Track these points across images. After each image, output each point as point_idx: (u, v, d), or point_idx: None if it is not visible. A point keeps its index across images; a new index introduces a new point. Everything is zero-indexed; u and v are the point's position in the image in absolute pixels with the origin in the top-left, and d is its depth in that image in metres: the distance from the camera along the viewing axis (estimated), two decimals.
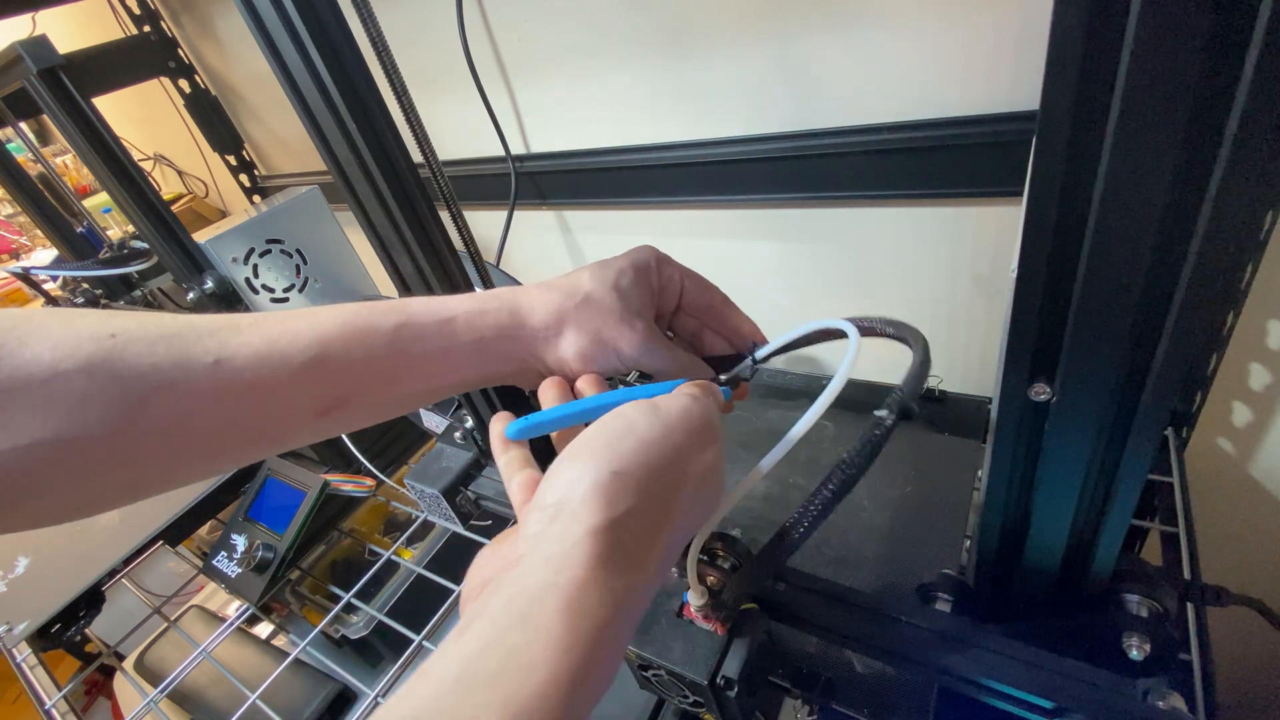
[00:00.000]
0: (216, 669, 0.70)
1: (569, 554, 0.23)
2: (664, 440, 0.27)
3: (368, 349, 0.29)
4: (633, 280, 0.34)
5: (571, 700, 0.21)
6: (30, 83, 0.71)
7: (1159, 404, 0.26)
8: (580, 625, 0.22)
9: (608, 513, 0.24)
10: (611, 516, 0.24)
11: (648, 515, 0.25)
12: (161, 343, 0.26)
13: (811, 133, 0.63)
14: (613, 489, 0.25)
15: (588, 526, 0.24)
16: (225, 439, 0.28)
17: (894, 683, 0.42)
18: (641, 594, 0.25)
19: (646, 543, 0.25)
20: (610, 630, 0.23)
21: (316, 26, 0.38)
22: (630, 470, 0.25)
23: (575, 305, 0.33)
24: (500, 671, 0.20)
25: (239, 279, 0.86)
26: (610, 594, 0.23)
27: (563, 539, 0.24)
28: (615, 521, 0.24)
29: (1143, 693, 0.31)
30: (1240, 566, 0.66)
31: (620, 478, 0.25)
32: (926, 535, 0.52)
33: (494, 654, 0.21)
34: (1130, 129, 0.20)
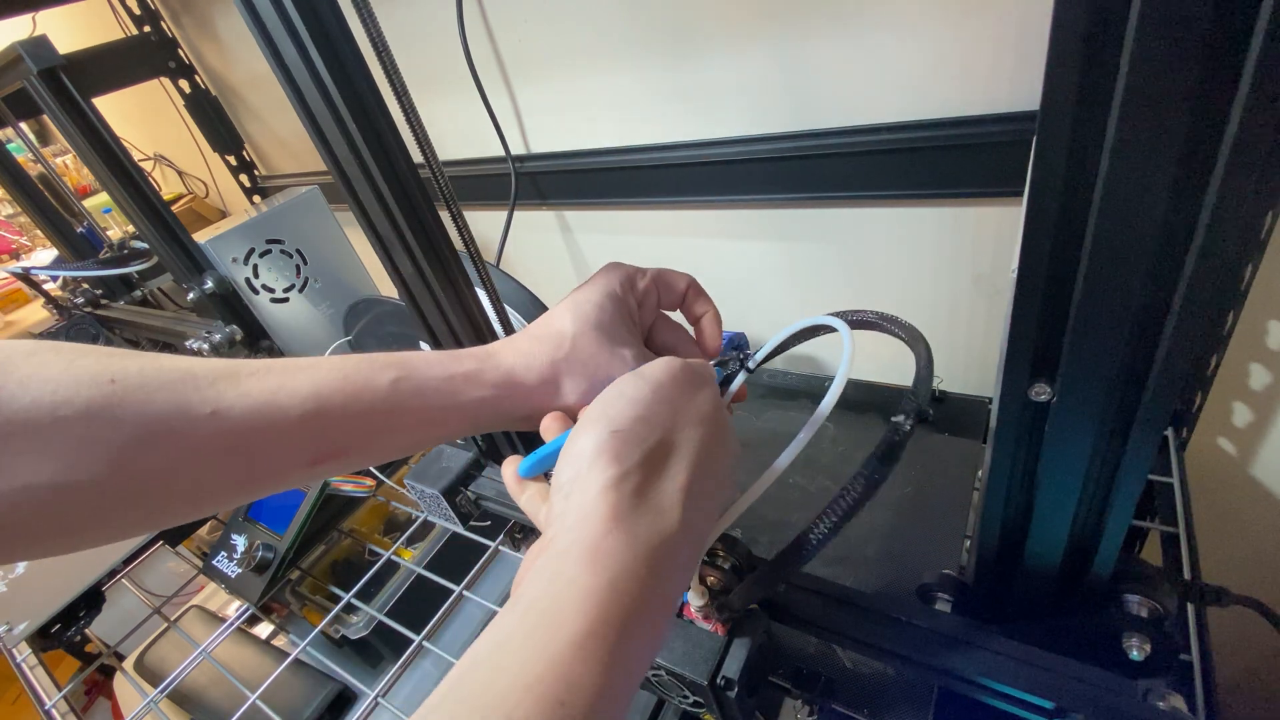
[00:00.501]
0: (216, 669, 0.70)
1: (587, 515, 0.25)
2: (653, 394, 0.29)
3: (364, 405, 0.30)
4: (612, 314, 0.34)
5: (610, 650, 0.21)
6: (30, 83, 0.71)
7: (1159, 404, 0.26)
8: (604, 573, 0.23)
9: (615, 468, 0.26)
10: (620, 470, 0.26)
11: (656, 463, 0.27)
12: (161, 391, 0.26)
13: (812, 133, 0.63)
14: (614, 446, 0.26)
15: (599, 485, 0.25)
16: (218, 485, 0.28)
17: (894, 683, 0.42)
18: (673, 544, 0.25)
19: (663, 489, 0.26)
20: (639, 579, 0.23)
21: (316, 26, 0.37)
22: (627, 426, 0.27)
23: (565, 356, 0.33)
24: (535, 627, 0.22)
25: (239, 279, 0.86)
26: (633, 541, 0.24)
27: (580, 504, 0.25)
28: (624, 474, 0.26)
29: (1143, 693, 0.31)
30: (1240, 567, 0.66)
31: (619, 435, 0.27)
32: (926, 535, 0.52)
33: (529, 614, 0.22)
34: (1130, 129, 0.20)
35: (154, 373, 0.26)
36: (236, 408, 0.27)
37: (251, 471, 0.28)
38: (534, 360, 0.33)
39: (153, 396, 0.26)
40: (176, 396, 0.26)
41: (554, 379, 0.33)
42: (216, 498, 0.29)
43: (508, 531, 0.71)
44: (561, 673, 0.20)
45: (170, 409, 0.26)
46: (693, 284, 0.39)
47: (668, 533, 0.25)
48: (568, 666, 0.21)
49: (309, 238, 0.92)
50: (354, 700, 0.68)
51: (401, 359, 0.32)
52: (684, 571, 0.27)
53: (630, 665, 0.23)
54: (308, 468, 0.30)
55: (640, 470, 0.26)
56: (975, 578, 0.39)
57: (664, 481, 0.27)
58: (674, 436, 0.28)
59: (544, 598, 0.23)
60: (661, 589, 0.25)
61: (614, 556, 0.24)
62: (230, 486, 0.28)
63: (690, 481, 0.27)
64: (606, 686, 0.21)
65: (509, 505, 0.57)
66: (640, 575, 0.24)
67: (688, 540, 0.27)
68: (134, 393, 0.25)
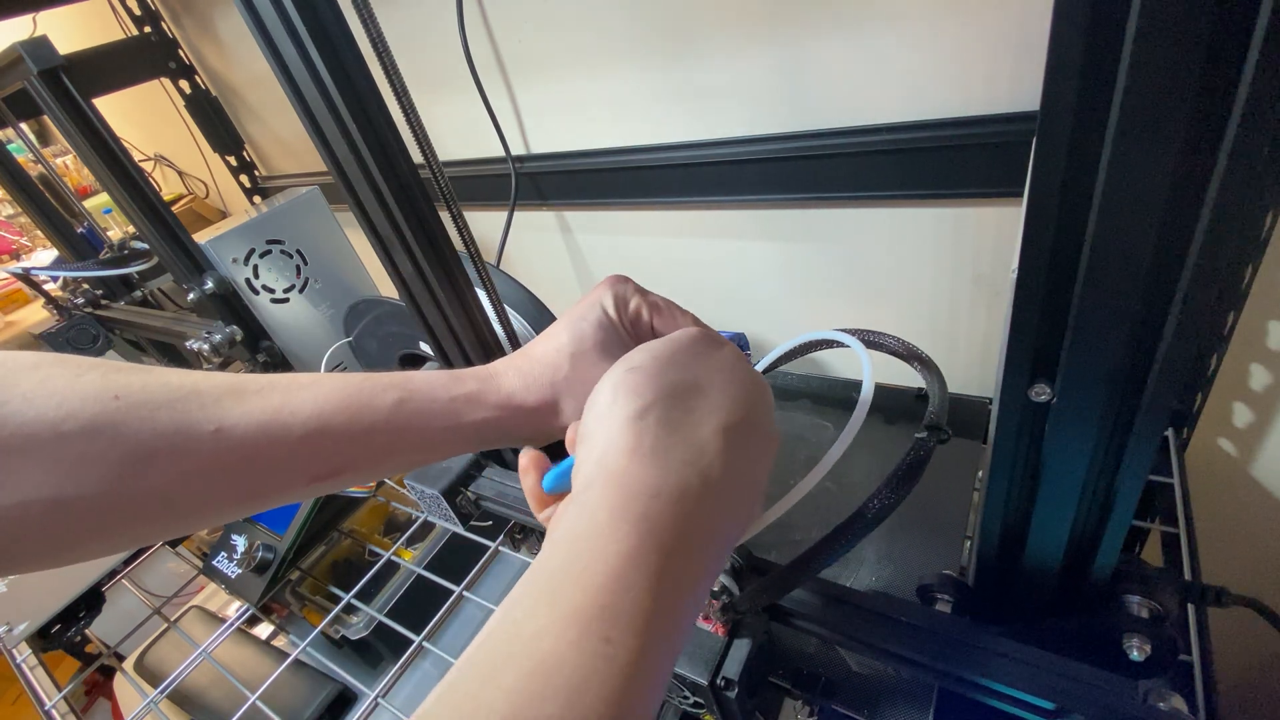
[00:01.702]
0: (216, 670, 0.70)
1: (610, 450, 0.24)
2: (670, 343, 0.28)
3: (366, 425, 0.30)
4: (610, 333, 0.33)
5: (655, 577, 0.20)
6: (31, 83, 0.71)
7: (1159, 405, 0.26)
8: (635, 500, 0.22)
9: (637, 400, 0.24)
10: (642, 403, 0.24)
11: (682, 398, 0.25)
12: (165, 409, 0.26)
13: (812, 133, 0.63)
14: (633, 380, 0.25)
15: (620, 420, 0.24)
16: (220, 502, 0.28)
17: (894, 683, 0.42)
18: (704, 482, 0.23)
19: (696, 423, 0.25)
20: (669, 513, 0.22)
21: (316, 27, 0.38)
22: (644, 364, 0.26)
23: (564, 377, 0.33)
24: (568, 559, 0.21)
25: (239, 279, 0.86)
26: (665, 470, 0.23)
27: (604, 442, 0.24)
28: (647, 406, 0.24)
29: (1143, 693, 0.31)
30: (1241, 567, 0.66)
31: (636, 371, 0.26)
32: (927, 536, 0.52)
33: (557, 552, 0.21)
34: (1130, 129, 0.20)
35: (158, 389, 0.26)
36: (240, 426, 0.27)
37: (252, 489, 0.28)
38: (534, 382, 0.33)
39: (156, 414, 0.26)
40: (180, 414, 0.26)
41: (554, 400, 0.33)
42: (217, 513, 0.29)
43: (508, 532, 0.71)
44: (603, 603, 0.19)
45: (173, 427, 0.26)
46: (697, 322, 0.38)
47: (707, 469, 0.23)
48: (611, 596, 0.19)
49: (309, 238, 0.92)
50: (354, 701, 0.68)
51: (404, 380, 0.32)
52: (732, 524, 0.24)
53: (677, 602, 0.21)
54: (307, 485, 0.30)
55: (664, 403, 0.25)
56: (975, 578, 0.39)
57: (696, 416, 0.25)
58: (700, 379, 0.26)
59: (572, 533, 0.21)
60: (698, 523, 0.22)
61: (643, 482, 0.22)
62: (231, 503, 0.29)
63: (729, 423, 0.25)
64: (654, 618, 0.19)
65: (509, 505, 0.57)
66: (671, 509, 0.22)
67: (734, 488, 0.24)
68: (137, 409, 0.25)
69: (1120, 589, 0.35)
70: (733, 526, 0.25)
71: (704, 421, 0.25)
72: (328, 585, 0.78)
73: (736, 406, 0.26)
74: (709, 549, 0.23)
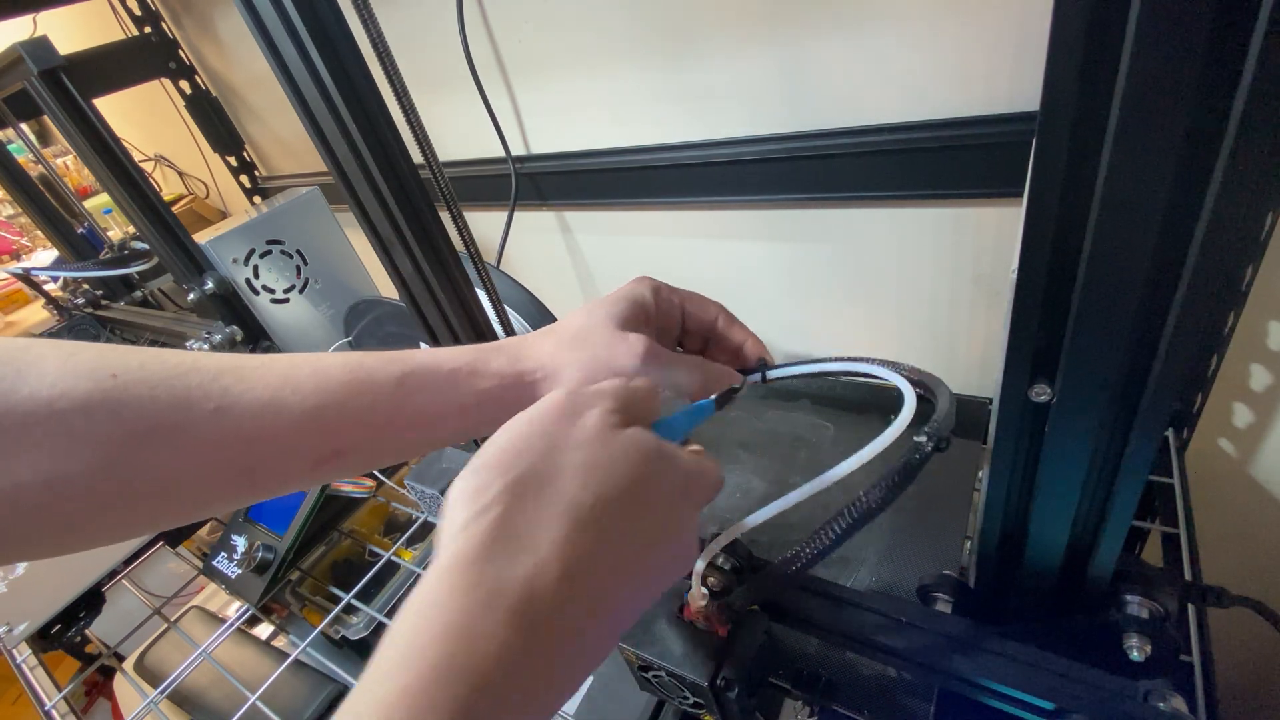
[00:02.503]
0: (216, 670, 0.70)
1: (435, 560, 0.21)
2: (528, 425, 0.25)
3: (370, 401, 0.29)
4: (626, 307, 0.33)
5: (453, 696, 0.18)
6: (31, 84, 0.71)
7: (1159, 405, 0.26)
8: (440, 616, 0.19)
9: (473, 504, 0.22)
10: (478, 505, 0.22)
11: (525, 490, 0.22)
12: (163, 386, 0.25)
13: (812, 134, 0.63)
14: (475, 481, 0.23)
15: (455, 527, 0.22)
16: (219, 485, 0.27)
17: (894, 684, 0.42)
18: (548, 591, 0.20)
19: (535, 519, 0.22)
20: (492, 629, 0.19)
21: (317, 27, 0.38)
22: (488, 460, 0.23)
23: (569, 339, 0.32)
24: (371, 676, 0.19)
25: (239, 279, 0.86)
26: (480, 581, 0.20)
27: (435, 552, 0.22)
28: (483, 508, 0.22)
29: (1143, 694, 0.31)
30: (1241, 567, 0.66)
31: (480, 467, 0.23)
32: (926, 536, 0.52)
33: (377, 657, 0.19)
34: (1130, 129, 0.20)
35: (157, 367, 0.26)
36: (240, 404, 0.26)
37: (253, 469, 0.28)
38: (538, 349, 0.32)
39: (154, 391, 0.25)
40: (178, 392, 0.26)
41: (554, 364, 0.32)
42: (217, 498, 0.28)
43: None
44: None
45: (172, 404, 0.25)
46: (724, 311, 0.38)
47: (539, 575, 0.20)
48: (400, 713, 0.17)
49: (309, 238, 0.92)
50: None
51: (406, 356, 0.31)
52: (574, 638, 0.21)
53: (510, 709, 0.18)
54: (314, 467, 0.29)
55: (503, 499, 0.22)
56: (976, 578, 0.39)
57: (538, 511, 0.22)
58: (551, 462, 0.23)
59: (386, 641, 0.19)
60: (537, 649, 0.20)
61: (455, 595, 0.19)
62: (231, 487, 0.28)
63: (578, 514, 0.22)
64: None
65: None
66: (494, 624, 0.19)
67: (577, 594, 0.21)
68: (135, 387, 0.25)
69: (1120, 589, 0.35)
70: (578, 643, 0.21)
71: (549, 509, 0.22)
72: (328, 585, 0.78)
73: (599, 487, 0.23)
74: (542, 685, 0.20)
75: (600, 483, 0.23)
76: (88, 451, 0.24)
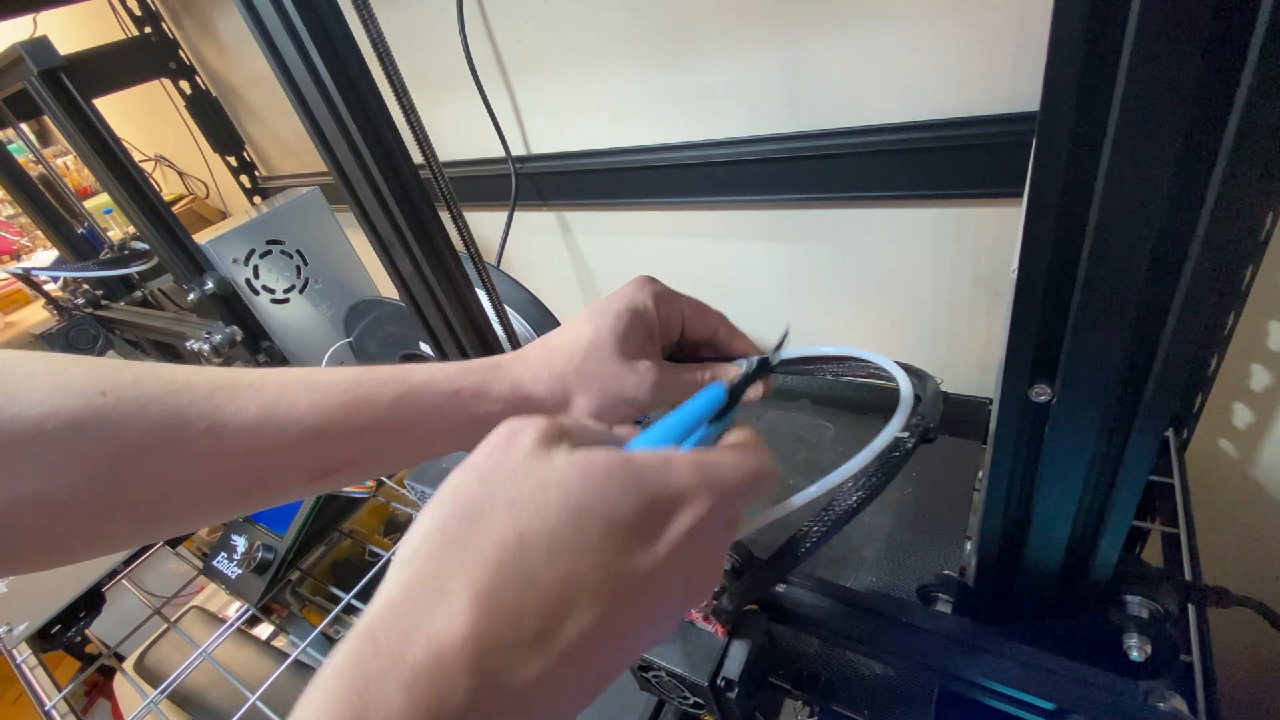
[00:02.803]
0: (216, 670, 0.70)
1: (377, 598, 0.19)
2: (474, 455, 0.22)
3: (366, 421, 0.29)
4: (629, 324, 0.32)
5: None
6: (31, 84, 0.71)
7: (1159, 405, 0.26)
8: (333, 688, 0.17)
9: (396, 562, 0.20)
10: (397, 563, 0.20)
11: (450, 539, 0.19)
12: (154, 404, 0.25)
13: (812, 134, 0.63)
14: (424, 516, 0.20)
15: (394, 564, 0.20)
16: (212, 501, 0.27)
17: (894, 684, 0.42)
18: (454, 634, 0.17)
19: (449, 569, 0.18)
20: (380, 689, 0.16)
21: (317, 27, 0.38)
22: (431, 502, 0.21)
23: (576, 367, 0.31)
24: None
25: (239, 280, 0.86)
26: (378, 643, 0.17)
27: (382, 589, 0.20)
28: (401, 564, 0.20)
29: (1144, 694, 0.31)
30: (1241, 567, 0.66)
31: (419, 518, 0.21)
32: (927, 536, 0.52)
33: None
34: (1130, 129, 0.20)
35: (149, 384, 0.26)
36: (234, 423, 0.26)
37: (247, 486, 0.27)
38: (543, 372, 0.31)
39: (145, 409, 0.25)
40: (170, 410, 0.25)
41: (564, 393, 0.31)
42: (212, 511, 0.28)
43: None
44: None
45: (163, 423, 0.25)
46: (725, 322, 0.37)
47: (447, 631, 0.17)
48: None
49: (309, 238, 0.92)
50: None
51: (405, 374, 0.30)
52: (493, 704, 0.17)
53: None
54: (308, 483, 0.29)
55: (427, 546, 0.19)
56: (976, 579, 0.39)
57: (461, 556, 0.18)
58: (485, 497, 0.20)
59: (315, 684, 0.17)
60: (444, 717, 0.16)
61: (356, 662, 0.17)
62: (225, 501, 0.28)
63: (500, 555, 0.18)
64: None
65: None
66: (391, 691, 0.16)
67: (496, 650, 0.17)
68: (126, 404, 0.25)
69: (1120, 589, 0.35)
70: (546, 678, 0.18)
71: (467, 563, 0.18)
72: (328, 586, 0.78)
73: (526, 519, 0.19)
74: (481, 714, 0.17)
75: (530, 514, 0.19)
76: (78, 470, 0.24)
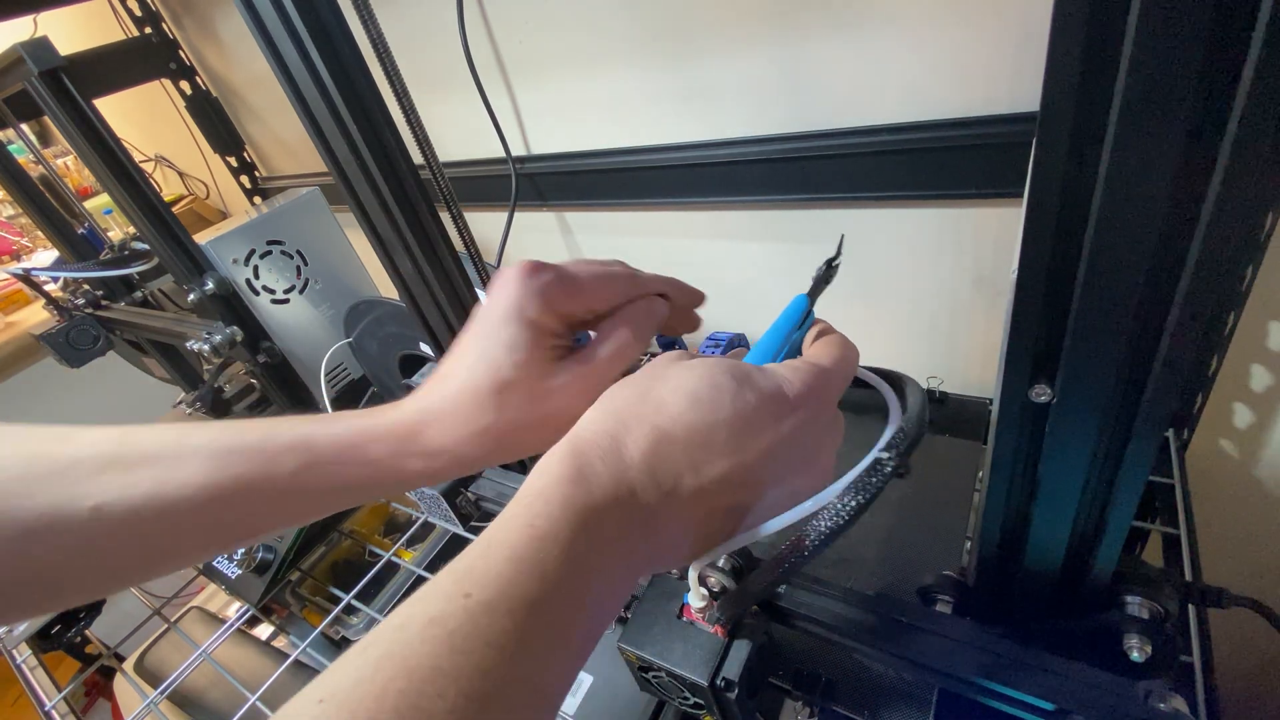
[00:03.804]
0: (217, 670, 0.70)
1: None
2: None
3: (263, 495, 0.27)
4: (529, 342, 0.28)
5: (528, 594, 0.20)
6: (32, 84, 0.71)
7: (1160, 405, 0.26)
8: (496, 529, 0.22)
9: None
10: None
11: (611, 422, 0.25)
12: (42, 484, 0.25)
13: (812, 134, 0.63)
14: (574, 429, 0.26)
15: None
16: (107, 576, 0.27)
17: (894, 684, 0.42)
18: (621, 491, 0.23)
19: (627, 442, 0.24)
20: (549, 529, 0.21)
21: (317, 28, 0.38)
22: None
23: (493, 422, 0.27)
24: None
25: (239, 280, 0.86)
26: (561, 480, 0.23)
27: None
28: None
29: (1144, 694, 0.31)
30: (1241, 568, 0.66)
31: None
32: (927, 536, 0.52)
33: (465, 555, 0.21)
34: (1130, 129, 0.20)
35: (41, 460, 0.25)
36: (121, 502, 0.25)
37: (141, 563, 0.27)
38: (463, 435, 0.28)
39: (32, 491, 0.24)
40: (56, 492, 0.25)
41: (497, 449, 0.28)
42: (107, 586, 0.28)
43: None
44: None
45: (50, 506, 0.24)
46: (632, 280, 0.31)
47: (626, 456, 0.23)
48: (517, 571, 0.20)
49: (309, 239, 0.92)
50: None
51: (305, 439, 0.28)
52: (626, 542, 0.23)
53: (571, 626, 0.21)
54: (201, 551, 0.28)
55: (591, 423, 0.25)
56: (976, 579, 0.39)
57: (627, 418, 0.25)
58: (635, 386, 0.27)
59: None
60: (588, 555, 0.21)
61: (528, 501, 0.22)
62: (120, 576, 0.27)
63: (656, 424, 0.24)
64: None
65: None
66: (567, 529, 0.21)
67: (657, 471, 0.24)
68: (13, 485, 0.24)
69: (1121, 590, 0.35)
70: (631, 549, 0.23)
71: (633, 417, 0.25)
72: (328, 586, 0.78)
73: (675, 406, 0.25)
74: (592, 579, 0.22)
75: (672, 388, 0.25)
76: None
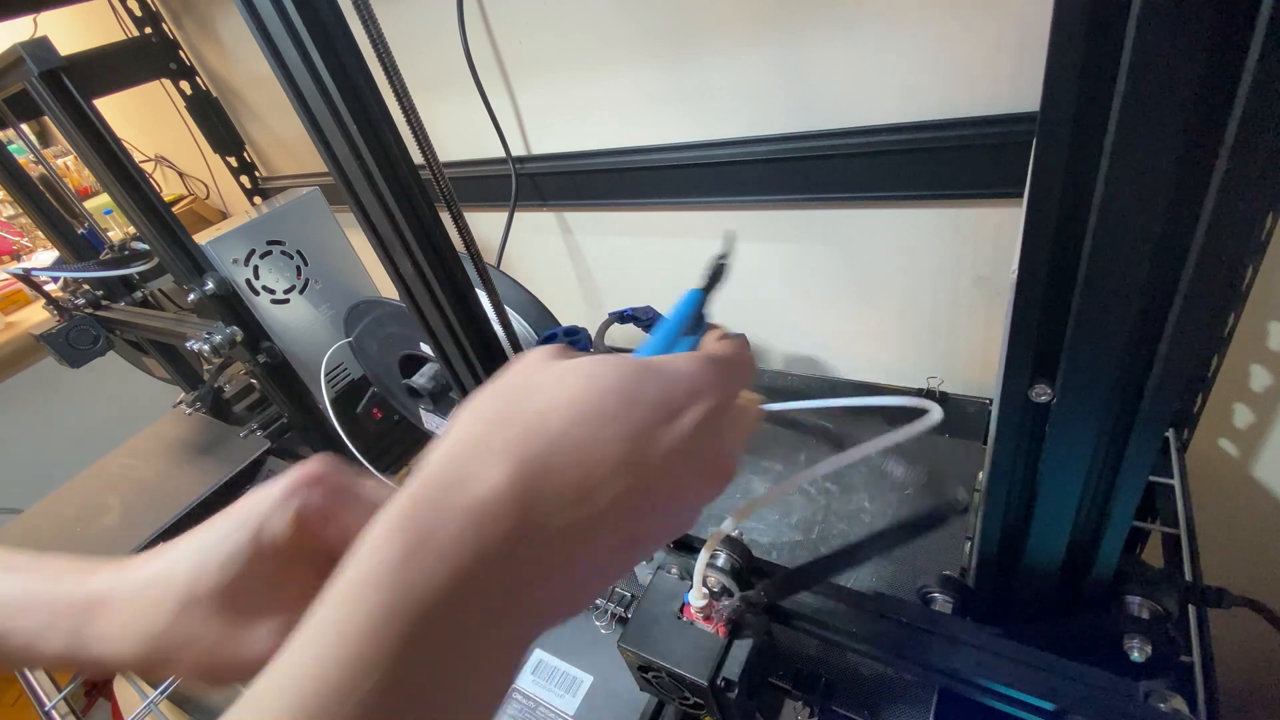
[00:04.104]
0: None
1: None
2: (491, 384, 0.23)
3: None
4: (243, 569, 0.23)
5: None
6: (32, 84, 0.71)
7: (1160, 405, 0.26)
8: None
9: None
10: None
11: (472, 436, 0.20)
12: None
13: (812, 134, 0.63)
14: (438, 444, 0.21)
15: None
16: None
17: (894, 684, 0.42)
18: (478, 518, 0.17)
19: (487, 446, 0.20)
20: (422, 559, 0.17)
21: (317, 27, 0.38)
22: None
23: (163, 630, 0.23)
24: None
25: (240, 280, 0.86)
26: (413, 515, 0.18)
27: None
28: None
29: (1144, 694, 0.31)
30: (1241, 568, 0.66)
31: None
32: (927, 536, 0.52)
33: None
34: (1130, 129, 0.20)
35: None
36: None
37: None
38: (129, 632, 0.23)
39: None
40: None
41: (158, 660, 0.23)
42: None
43: None
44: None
45: None
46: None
47: (482, 490, 0.18)
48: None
49: (310, 239, 0.92)
50: None
51: (91, 610, 0.23)
52: (496, 629, 0.17)
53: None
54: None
55: (451, 437, 0.20)
56: (976, 579, 0.39)
57: (491, 431, 0.20)
58: (507, 397, 0.21)
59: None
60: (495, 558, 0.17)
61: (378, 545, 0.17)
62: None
63: (527, 428, 0.19)
64: None
65: None
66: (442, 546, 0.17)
67: (526, 507, 0.18)
68: None
69: (1121, 590, 0.35)
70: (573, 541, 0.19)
71: (499, 434, 0.19)
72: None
73: (550, 399, 0.20)
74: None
75: (554, 391, 0.20)
76: None
